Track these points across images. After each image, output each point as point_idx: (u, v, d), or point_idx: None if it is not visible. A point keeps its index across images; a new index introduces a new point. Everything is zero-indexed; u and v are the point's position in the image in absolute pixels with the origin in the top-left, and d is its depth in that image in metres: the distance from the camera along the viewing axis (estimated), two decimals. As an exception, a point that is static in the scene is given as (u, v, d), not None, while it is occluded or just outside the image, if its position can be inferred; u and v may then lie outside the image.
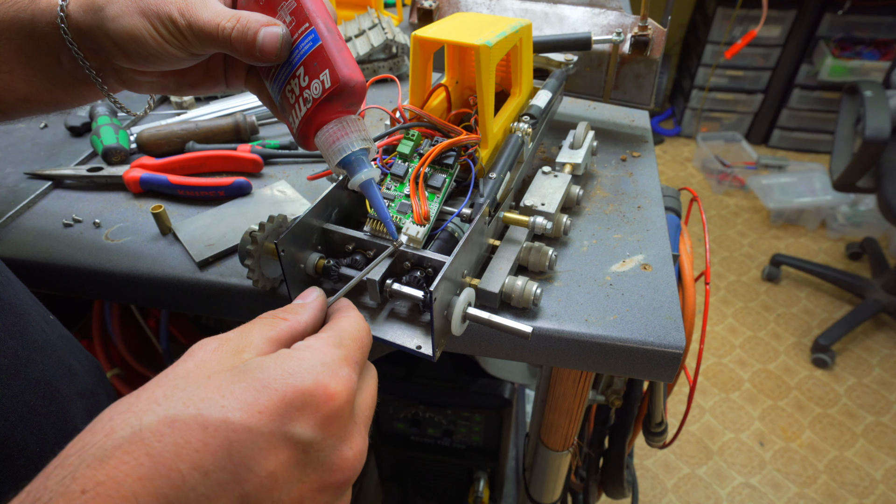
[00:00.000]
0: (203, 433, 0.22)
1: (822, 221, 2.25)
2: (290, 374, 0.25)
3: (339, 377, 0.26)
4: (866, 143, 1.40)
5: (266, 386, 0.24)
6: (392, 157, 0.44)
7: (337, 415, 0.25)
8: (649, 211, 0.55)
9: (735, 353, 1.78)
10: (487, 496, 0.98)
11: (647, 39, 0.58)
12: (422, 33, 0.43)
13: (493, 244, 0.46)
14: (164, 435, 0.21)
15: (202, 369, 0.25)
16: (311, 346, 0.28)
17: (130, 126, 0.71)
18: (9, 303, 0.35)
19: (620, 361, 0.43)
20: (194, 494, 0.21)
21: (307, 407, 0.24)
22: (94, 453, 0.21)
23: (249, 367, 0.25)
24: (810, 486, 1.44)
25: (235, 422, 0.22)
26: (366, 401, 0.29)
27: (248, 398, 0.23)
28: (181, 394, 0.23)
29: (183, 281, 0.48)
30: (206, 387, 0.24)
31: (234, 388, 0.24)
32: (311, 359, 0.26)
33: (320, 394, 0.25)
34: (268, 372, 0.25)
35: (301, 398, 0.24)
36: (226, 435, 0.22)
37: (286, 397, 0.24)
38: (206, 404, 0.23)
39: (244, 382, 0.24)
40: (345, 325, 0.30)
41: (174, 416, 0.22)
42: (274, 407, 0.23)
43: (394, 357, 0.89)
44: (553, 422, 0.65)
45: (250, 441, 0.23)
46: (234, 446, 0.22)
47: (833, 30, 2.32)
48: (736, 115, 2.63)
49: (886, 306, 1.77)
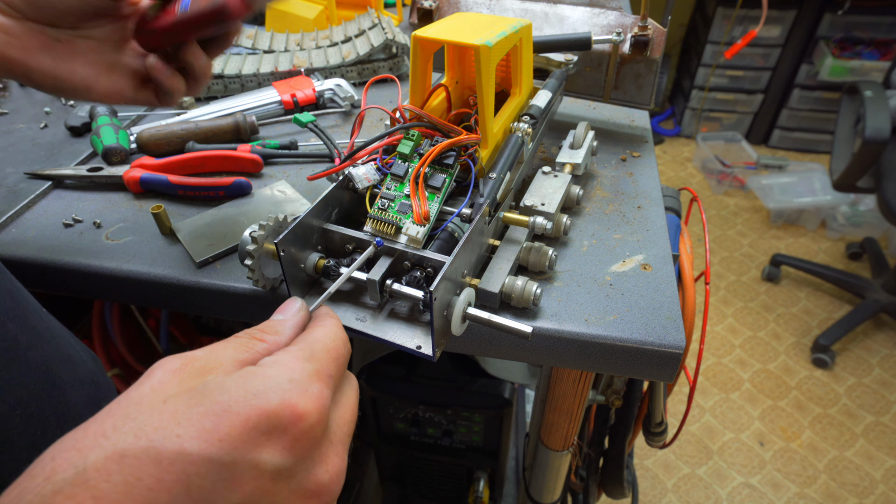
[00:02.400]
0: (156, 468, 0.20)
1: (822, 221, 2.25)
2: (253, 395, 0.22)
3: (308, 394, 0.24)
4: (866, 143, 1.40)
5: (227, 410, 0.22)
6: (392, 157, 0.44)
7: (307, 436, 0.23)
8: (649, 211, 0.55)
9: (735, 353, 1.78)
10: (487, 496, 0.98)
11: (647, 39, 0.58)
12: (422, 33, 0.43)
13: (493, 244, 0.46)
14: (111, 473, 0.19)
15: (158, 393, 0.23)
16: (279, 361, 0.25)
17: (130, 126, 0.71)
18: (6, 289, 0.34)
19: (620, 361, 0.43)
20: None
21: (274, 430, 0.22)
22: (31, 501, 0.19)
23: (208, 389, 0.22)
24: (810, 486, 1.44)
25: (193, 453, 0.20)
26: (343, 416, 0.27)
27: (206, 425, 0.21)
28: (132, 424, 0.21)
29: (183, 281, 0.48)
30: (160, 414, 0.21)
31: (190, 413, 0.21)
32: (277, 376, 0.24)
33: (287, 414, 0.23)
34: (229, 393, 0.22)
35: (267, 421, 0.22)
36: (182, 468, 0.20)
37: (249, 421, 0.22)
38: (160, 434, 0.20)
39: (202, 406, 0.22)
40: (318, 335, 0.28)
41: (123, 450, 0.20)
42: (236, 433, 0.21)
43: (394, 357, 0.89)
44: (553, 422, 0.65)
45: (211, 474, 0.20)
46: (192, 480, 0.20)
47: (833, 30, 2.33)
48: (736, 115, 2.63)
49: (886, 306, 1.77)
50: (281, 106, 0.71)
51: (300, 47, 0.83)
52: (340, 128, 0.71)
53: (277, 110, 0.72)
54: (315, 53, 0.80)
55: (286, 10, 0.91)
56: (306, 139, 0.67)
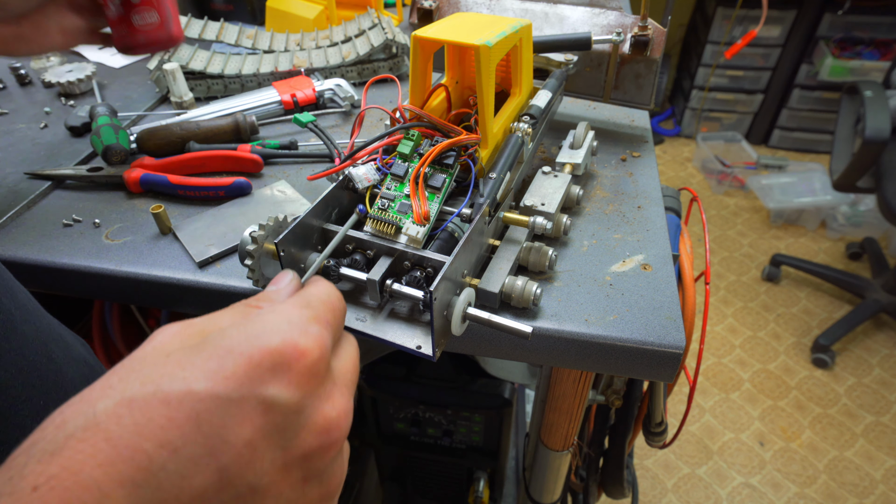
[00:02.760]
0: (166, 408, 0.20)
1: (822, 221, 2.25)
2: (254, 336, 0.23)
3: (308, 334, 0.24)
4: (866, 143, 1.40)
5: (230, 351, 0.22)
6: (392, 157, 0.44)
7: (312, 372, 0.24)
8: (649, 211, 0.55)
9: (735, 353, 1.78)
10: (487, 496, 0.98)
11: (647, 39, 0.58)
12: (422, 33, 0.43)
13: (493, 244, 0.46)
14: (122, 417, 0.19)
15: (160, 351, 0.23)
16: (276, 309, 0.26)
17: (130, 126, 0.71)
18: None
19: (620, 361, 0.43)
20: (165, 474, 0.19)
21: (278, 367, 0.23)
22: (45, 448, 0.19)
23: (210, 338, 0.23)
24: (810, 486, 1.44)
25: (200, 391, 0.21)
26: (345, 366, 0.28)
27: (211, 366, 0.21)
28: (136, 375, 0.21)
29: (183, 281, 0.48)
30: (164, 364, 0.22)
31: (194, 359, 0.22)
32: (275, 320, 0.24)
33: (290, 351, 0.23)
34: (230, 338, 0.23)
35: (270, 358, 0.22)
36: (191, 406, 0.20)
37: (253, 359, 0.22)
38: (166, 379, 0.21)
39: (206, 352, 0.22)
40: (312, 290, 0.28)
41: (131, 396, 0.20)
42: (241, 371, 0.22)
43: (394, 357, 0.89)
44: (553, 422, 0.65)
45: (220, 410, 0.21)
46: (202, 417, 0.20)
47: (833, 30, 2.33)
48: (736, 115, 2.63)
49: (886, 306, 1.77)
50: (281, 106, 0.71)
51: (300, 47, 0.83)
52: (340, 128, 0.71)
53: (277, 110, 0.72)
54: (315, 53, 0.80)
55: (286, 10, 0.91)
56: (306, 139, 0.67)
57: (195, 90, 0.76)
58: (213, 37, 0.80)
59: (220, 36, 0.81)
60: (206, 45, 0.85)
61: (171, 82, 0.72)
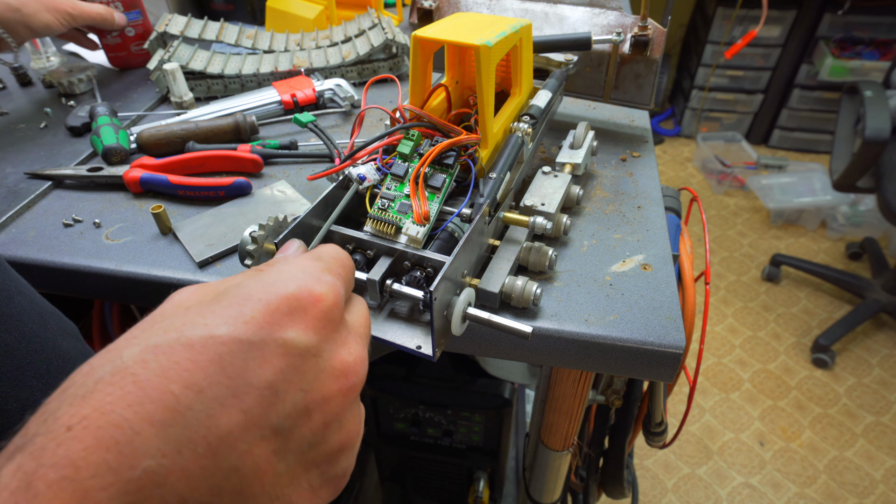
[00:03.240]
0: (190, 352, 0.21)
1: (822, 221, 2.25)
2: (270, 284, 0.24)
3: (322, 281, 0.25)
4: (866, 143, 1.40)
5: (248, 298, 0.23)
6: (392, 157, 0.44)
7: (328, 316, 0.24)
8: (649, 211, 0.55)
9: (735, 353, 1.78)
10: (487, 496, 0.98)
11: (647, 39, 0.58)
12: (422, 33, 0.43)
13: (493, 244, 0.46)
14: (147, 362, 0.20)
15: (179, 306, 0.24)
16: (289, 260, 0.27)
17: (130, 126, 0.71)
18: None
19: (620, 361, 0.43)
20: (191, 413, 0.20)
21: (295, 311, 0.23)
22: (76, 392, 0.20)
23: (227, 290, 0.24)
24: (810, 486, 1.44)
25: (222, 335, 0.21)
26: (358, 320, 0.28)
27: (231, 312, 0.22)
28: (159, 325, 0.22)
29: (183, 281, 0.48)
30: (185, 315, 0.23)
31: (214, 307, 0.23)
32: (290, 269, 0.25)
33: (306, 297, 0.24)
34: (247, 287, 0.24)
35: (287, 303, 0.23)
36: (214, 350, 0.21)
37: (271, 305, 0.23)
38: (188, 326, 0.22)
39: (225, 301, 0.23)
40: (323, 248, 0.30)
41: (156, 343, 0.21)
42: (260, 315, 0.23)
43: (394, 357, 0.89)
44: (553, 422, 0.65)
45: (242, 352, 0.21)
46: (225, 359, 0.21)
47: (833, 30, 2.32)
48: (736, 115, 2.63)
49: (886, 306, 1.77)
50: (281, 106, 0.71)
51: (300, 47, 0.83)
52: (340, 128, 0.71)
53: (277, 110, 0.72)
54: (315, 53, 0.80)
55: (286, 10, 0.91)
56: (306, 139, 0.67)
57: (195, 90, 0.76)
58: (213, 37, 0.80)
59: (220, 36, 0.81)
60: (206, 45, 0.85)
61: (171, 82, 0.72)
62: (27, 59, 0.90)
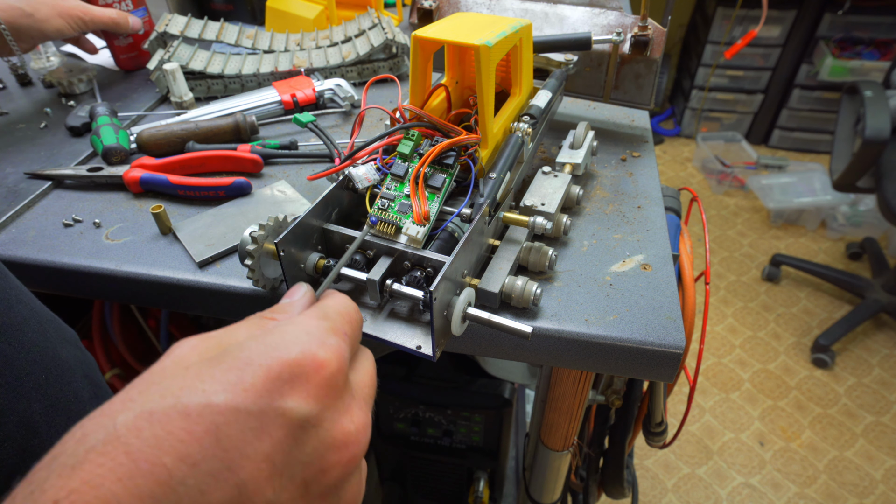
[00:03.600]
0: (185, 421, 0.20)
1: (822, 221, 2.25)
2: (273, 348, 0.23)
3: (326, 345, 0.24)
4: (866, 143, 1.40)
5: (249, 363, 0.22)
6: (392, 157, 0.44)
7: (330, 384, 0.23)
8: (649, 211, 0.55)
9: (735, 353, 1.78)
10: (487, 496, 0.98)
11: (647, 39, 0.58)
12: (422, 33, 0.43)
13: (493, 244, 0.46)
14: (142, 430, 0.19)
15: (179, 364, 0.23)
16: (294, 320, 0.26)
17: (130, 126, 0.71)
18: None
19: (620, 361, 0.43)
20: (184, 489, 0.19)
21: (297, 379, 0.22)
22: (65, 462, 0.19)
23: (229, 350, 0.23)
24: (810, 486, 1.44)
25: (220, 404, 0.21)
26: (363, 379, 0.27)
27: (230, 378, 0.21)
28: (157, 387, 0.21)
29: (183, 281, 0.48)
30: (184, 377, 0.22)
31: (214, 371, 0.22)
32: (294, 331, 0.24)
33: (309, 363, 0.23)
34: (249, 350, 0.23)
35: (289, 370, 0.22)
36: (211, 419, 0.20)
37: (272, 371, 0.22)
38: (186, 392, 0.21)
39: (225, 364, 0.22)
40: (329, 302, 0.29)
41: (151, 409, 0.20)
42: (261, 383, 0.22)
43: (394, 357, 0.89)
44: (553, 422, 0.65)
45: (239, 422, 0.21)
46: (221, 430, 0.20)
47: (833, 30, 2.32)
48: (736, 115, 2.63)
49: (886, 306, 1.77)
50: (281, 106, 0.71)
51: (300, 47, 0.83)
52: (340, 128, 0.71)
53: (277, 110, 0.72)
54: (315, 53, 0.80)
55: (286, 10, 0.91)
56: (306, 139, 0.67)
57: (195, 90, 0.76)
58: (213, 37, 0.80)
59: (220, 36, 0.81)
60: (206, 45, 0.85)
61: (171, 82, 0.72)
62: (27, 59, 0.90)
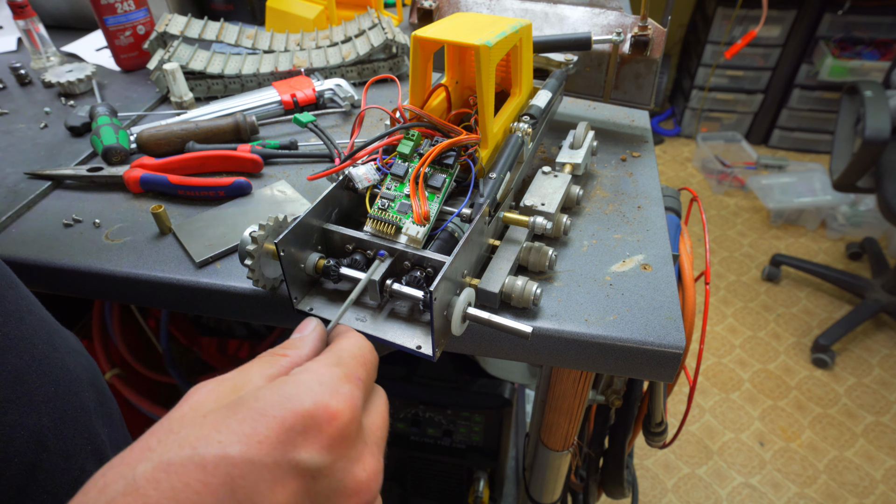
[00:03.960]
0: (202, 473, 0.21)
1: (822, 221, 2.25)
2: (287, 399, 0.23)
3: (339, 395, 0.25)
4: (866, 143, 1.40)
5: (263, 414, 0.23)
6: (392, 157, 0.44)
7: (343, 434, 0.24)
8: (649, 211, 0.55)
9: (735, 353, 1.78)
10: (487, 496, 0.98)
11: (647, 39, 0.58)
12: (422, 33, 0.43)
13: (493, 244, 0.46)
14: (160, 482, 0.20)
15: (197, 410, 0.24)
16: (308, 368, 0.26)
17: (130, 126, 0.71)
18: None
19: (620, 361, 0.43)
20: None
21: (310, 430, 0.23)
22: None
23: (244, 399, 0.24)
24: (810, 486, 1.44)
25: (235, 456, 0.21)
26: (375, 422, 0.28)
27: (245, 429, 0.22)
28: (175, 437, 0.22)
29: (183, 281, 0.48)
30: (201, 426, 0.23)
31: (229, 421, 0.23)
32: (308, 381, 0.25)
33: (322, 414, 0.23)
34: (264, 400, 0.23)
35: (302, 422, 0.23)
36: (226, 471, 0.21)
37: (286, 423, 0.23)
38: (203, 443, 0.22)
39: (240, 414, 0.23)
40: (344, 345, 0.29)
41: (169, 460, 0.21)
42: (274, 435, 0.22)
43: (394, 357, 0.89)
44: (553, 422, 0.65)
45: (253, 474, 0.21)
46: (237, 482, 0.21)
47: (833, 30, 2.32)
48: (736, 115, 2.63)
49: (886, 306, 1.77)
50: (281, 106, 0.71)
51: (300, 47, 0.83)
52: (340, 128, 0.71)
53: (277, 110, 0.72)
54: (315, 53, 0.80)
55: (286, 10, 0.91)
56: (306, 139, 0.67)
57: (195, 90, 0.76)
58: (213, 37, 0.80)
59: (220, 36, 0.81)
60: (206, 45, 0.85)
61: (171, 82, 0.72)
62: (27, 59, 0.90)
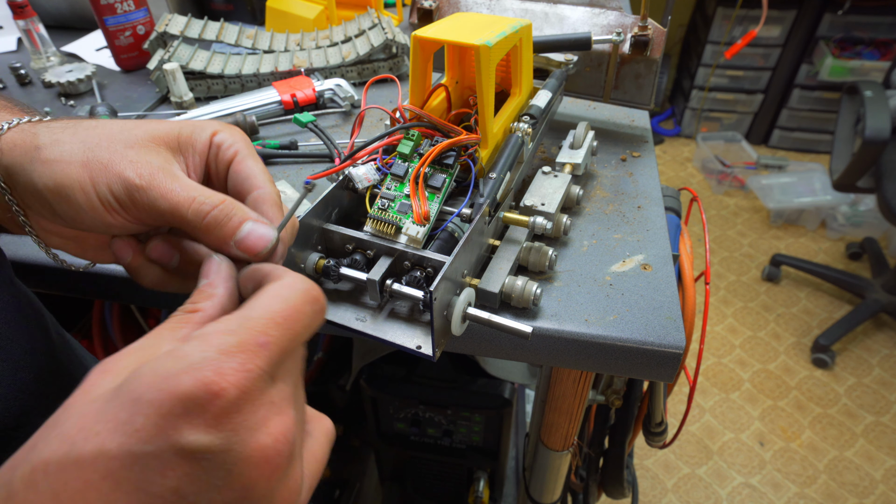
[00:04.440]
0: (80, 471, 0.19)
1: (822, 221, 2.25)
2: (163, 379, 0.21)
3: (225, 370, 0.22)
4: (866, 143, 1.40)
5: (138, 399, 0.21)
6: (392, 157, 0.44)
7: (231, 409, 0.22)
8: (649, 211, 0.55)
9: (735, 353, 1.78)
10: (487, 496, 0.98)
11: (647, 39, 0.58)
12: (422, 33, 0.43)
13: (493, 244, 0.46)
14: (37, 484, 0.19)
15: (87, 394, 0.23)
16: (203, 333, 0.23)
17: (130, 126, 0.71)
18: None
19: (620, 361, 0.43)
20: None
21: (191, 411, 0.21)
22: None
23: (127, 381, 0.22)
24: (810, 486, 1.44)
25: (112, 450, 0.20)
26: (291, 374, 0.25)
27: (122, 417, 0.21)
28: (56, 432, 0.21)
29: (183, 281, 0.48)
30: (83, 416, 0.21)
31: (108, 408, 0.21)
32: (192, 354, 0.22)
33: (202, 395, 0.21)
34: (140, 381, 0.21)
35: (181, 405, 0.21)
36: (105, 466, 0.20)
37: (163, 407, 0.21)
38: (81, 435, 0.20)
39: (119, 399, 0.21)
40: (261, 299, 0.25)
41: (46, 459, 0.20)
42: (151, 423, 0.20)
43: (394, 357, 0.89)
44: (553, 422, 0.65)
45: (137, 465, 0.20)
46: (119, 474, 0.20)
47: (833, 30, 2.32)
48: (736, 115, 2.63)
49: (886, 306, 1.77)
50: (281, 106, 0.71)
51: (300, 47, 0.83)
52: (340, 128, 0.71)
53: (277, 110, 0.72)
54: (315, 53, 0.80)
55: (286, 10, 0.91)
56: (306, 139, 0.67)
57: (195, 90, 0.76)
58: (213, 37, 0.80)
59: (220, 36, 0.81)
60: (206, 45, 0.85)
61: (171, 82, 0.72)
62: (27, 59, 0.90)
